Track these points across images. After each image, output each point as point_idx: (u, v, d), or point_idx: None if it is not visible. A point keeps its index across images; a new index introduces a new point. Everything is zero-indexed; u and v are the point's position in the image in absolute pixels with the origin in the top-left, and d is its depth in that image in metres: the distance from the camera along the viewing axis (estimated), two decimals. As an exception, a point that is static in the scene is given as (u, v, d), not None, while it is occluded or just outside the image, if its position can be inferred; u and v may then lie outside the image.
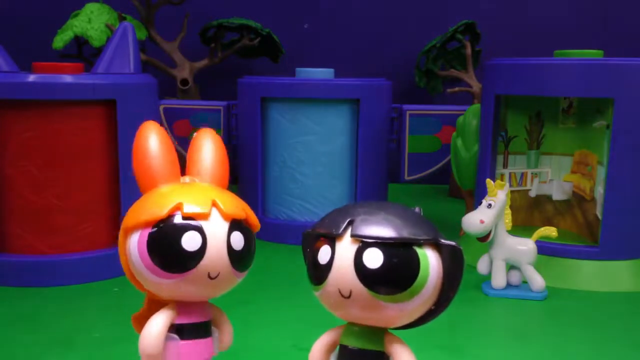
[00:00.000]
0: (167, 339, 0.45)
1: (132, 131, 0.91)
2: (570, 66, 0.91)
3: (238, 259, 0.44)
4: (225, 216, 0.44)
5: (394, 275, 0.40)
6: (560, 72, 0.91)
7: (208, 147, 0.49)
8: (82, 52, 1.47)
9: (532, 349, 0.72)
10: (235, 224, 0.44)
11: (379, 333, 0.44)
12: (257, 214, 1.14)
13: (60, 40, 1.40)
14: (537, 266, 0.87)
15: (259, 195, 1.14)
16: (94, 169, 0.92)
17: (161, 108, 1.20)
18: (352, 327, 0.44)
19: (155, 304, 0.47)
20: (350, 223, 0.41)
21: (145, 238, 0.43)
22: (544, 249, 0.92)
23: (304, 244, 0.46)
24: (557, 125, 1.08)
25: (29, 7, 1.68)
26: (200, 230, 0.43)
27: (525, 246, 0.86)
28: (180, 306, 0.46)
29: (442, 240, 0.42)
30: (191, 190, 0.45)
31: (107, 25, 1.39)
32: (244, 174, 1.17)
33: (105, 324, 0.76)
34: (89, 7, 1.42)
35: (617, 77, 0.89)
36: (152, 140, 0.46)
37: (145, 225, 0.43)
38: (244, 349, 0.48)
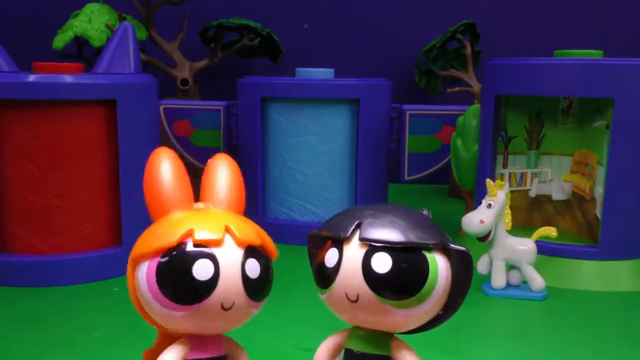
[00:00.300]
0: None
1: (132, 131, 0.92)
2: (570, 66, 0.91)
3: (254, 287, 0.41)
4: (239, 242, 0.41)
5: (403, 280, 0.40)
6: (560, 72, 0.91)
7: (223, 172, 0.47)
8: (82, 52, 1.47)
9: (532, 349, 0.72)
10: (251, 251, 0.42)
11: (385, 337, 0.43)
12: (257, 214, 1.15)
13: (60, 40, 1.40)
14: (537, 266, 0.87)
15: (259, 195, 1.14)
16: (94, 169, 0.92)
17: (161, 108, 1.19)
18: (357, 331, 0.44)
19: (168, 338, 0.45)
20: (358, 226, 0.41)
21: (155, 268, 0.41)
22: (544, 249, 0.92)
23: (310, 246, 0.46)
24: (557, 125, 1.08)
25: (29, 7, 1.68)
26: (212, 257, 0.40)
27: (525, 246, 0.86)
28: (193, 340, 0.43)
29: (452, 245, 0.41)
30: (203, 216, 0.43)
31: (107, 25, 1.38)
32: (244, 174, 1.16)
33: (106, 324, 0.76)
34: (89, 7, 1.42)
35: (617, 77, 0.89)
36: (164, 167, 0.44)
37: (154, 254, 0.41)
38: (244, 349, 0.49)
